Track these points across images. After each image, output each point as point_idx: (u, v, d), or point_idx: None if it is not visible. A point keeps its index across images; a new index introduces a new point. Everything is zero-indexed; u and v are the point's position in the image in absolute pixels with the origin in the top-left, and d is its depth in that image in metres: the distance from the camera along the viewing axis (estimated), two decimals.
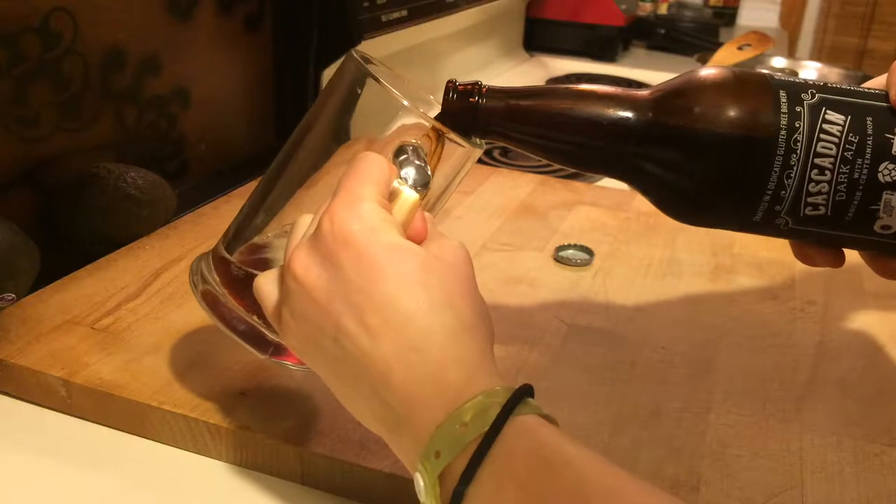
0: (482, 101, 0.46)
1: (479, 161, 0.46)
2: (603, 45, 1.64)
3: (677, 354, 0.58)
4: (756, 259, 0.74)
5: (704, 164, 0.44)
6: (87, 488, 0.46)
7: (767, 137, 0.43)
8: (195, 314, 0.58)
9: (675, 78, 0.47)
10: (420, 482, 0.35)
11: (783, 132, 0.43)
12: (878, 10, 3.37)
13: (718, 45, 1.64)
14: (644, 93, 0.47)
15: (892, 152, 0.43)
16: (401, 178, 0.42)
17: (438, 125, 0.43)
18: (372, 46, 0.97)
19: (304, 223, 0.41)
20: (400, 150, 0.42)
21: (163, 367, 0.52)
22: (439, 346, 0.36)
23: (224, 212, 0.75)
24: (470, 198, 0.83)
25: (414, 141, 0.43)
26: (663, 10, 1.96)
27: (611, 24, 1.63)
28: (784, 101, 0.44)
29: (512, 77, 1.48)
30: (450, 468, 0.34)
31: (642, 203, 0.83)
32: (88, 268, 0.64)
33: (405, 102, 0.42)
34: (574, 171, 0.50)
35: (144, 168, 0.73)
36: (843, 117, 0.43)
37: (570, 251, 0.72)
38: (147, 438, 0.49)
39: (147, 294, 0.61)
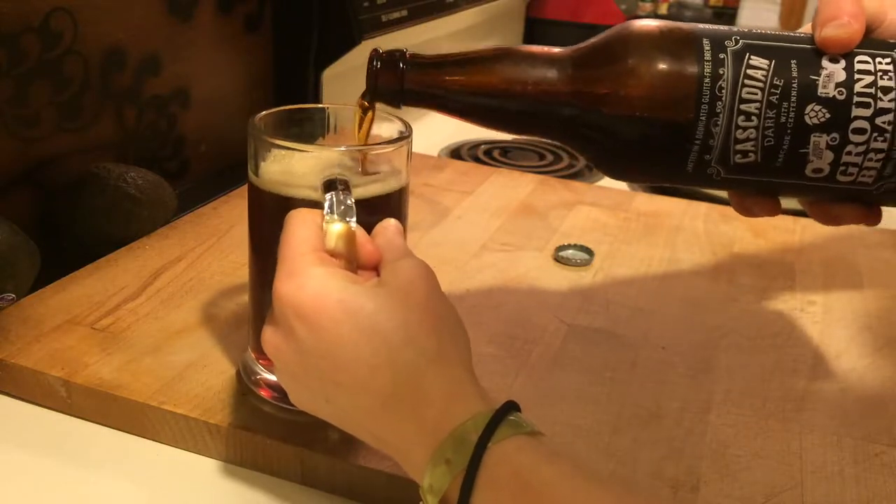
0: (407, 67, 0.46)
1: (479, 161, 0.46)
2: None
3: (677, 354, 0.58)
4: (756, 259, 0.74)
5: (631, 120, 0.44)
6: (87, 488, 0.46)
7: (692, 87, 0.43)
8: (195, 314, 0.58)
9: (602, 33, 0.46)
10: None
11: (707, 80, 0.43)
12: None
13: None
14: (569, 50, 0.46)
15: (819, 94, 0.42)
16: (329, 213, 0.41)
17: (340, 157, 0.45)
18: (372, 46, 0.97)
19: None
20: (326, 185, 0.42)
21: (163, 367, 0.52)
22: (410, 387, 0.37)
23: (223, 212, 0.75)
24: (470, 198, 0.83)
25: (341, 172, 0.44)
26: (663, 10, 1.96)
27: (611, 24, 1.62)
28: (707, 48, 0.43)
29: None
30: (448, 496, 0.35)
31: (642, 203, 0.83)
32: (88, 268, 0.64)
33: (308, 150, 0.46)
34: (508, 133, 0.49)
35: (144, 168, 0.73)
36: (766, 62, 0.43)
37: (570, 251, 0.72)
38: (147, 438, 0.49)
39: (147, 294, 0.61)
